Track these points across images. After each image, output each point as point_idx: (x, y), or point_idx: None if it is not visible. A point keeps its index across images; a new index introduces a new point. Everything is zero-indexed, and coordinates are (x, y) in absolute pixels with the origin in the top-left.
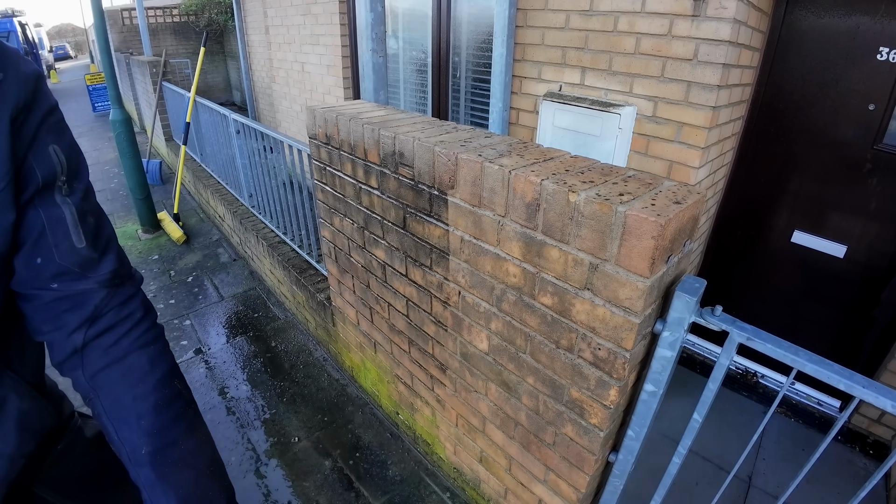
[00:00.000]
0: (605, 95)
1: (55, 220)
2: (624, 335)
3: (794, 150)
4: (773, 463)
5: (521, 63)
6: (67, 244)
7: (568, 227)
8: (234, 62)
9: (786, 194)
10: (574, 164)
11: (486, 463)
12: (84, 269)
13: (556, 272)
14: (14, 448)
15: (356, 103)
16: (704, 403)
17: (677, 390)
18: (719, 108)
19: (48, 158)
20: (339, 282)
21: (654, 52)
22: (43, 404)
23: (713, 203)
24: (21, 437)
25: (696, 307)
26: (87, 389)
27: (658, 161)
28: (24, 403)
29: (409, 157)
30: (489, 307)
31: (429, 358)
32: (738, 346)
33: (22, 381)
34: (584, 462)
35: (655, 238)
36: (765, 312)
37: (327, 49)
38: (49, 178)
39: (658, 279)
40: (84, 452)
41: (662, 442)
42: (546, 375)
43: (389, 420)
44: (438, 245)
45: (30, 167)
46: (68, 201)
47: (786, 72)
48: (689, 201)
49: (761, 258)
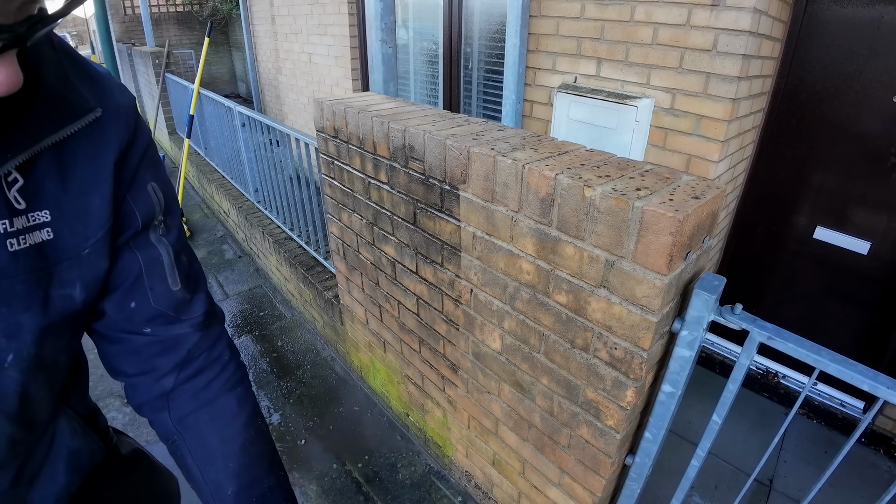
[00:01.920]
0: (622, 87)
1: (152, 263)
2: (641, 334)
3: (816, 143)
4: (794, 465)
5: (535, 54)
6: (163, 287)
7: (583, 223)
8: (239, 53)
9: (808, 189)
10: (590, 157)
11: (499, 466)
12: (178, 311)
13: (571, 269)
14: (62, 488)
15: (365, 95)
16: (724, 404)
17: (696, 391)
18: (739, 101)
19: (147, 198)
20: (348, 279)
21: (672, 42)
22: (93, 439)
23: (733, 198)
24: (70, 478)
25: (716, 305)
26: (171, 431)
27: (676, 155)
28: (76, 441)
29: (420, 150)
30: (502, 305)
31: (440, 358)
32: (758, 345)
33: (76, 416)
34: (600, 465)
35: (673, 234)
36: (786, 311)
37: (335, 39)
38: (148, 219)
39: (676, 276)
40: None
41: (681, 444)
42: (561, 376)
43: (399, 422)
44: (450, 241)
45: (129, 209)
46: (164, 241)
47: (808, 63)
48: (708, 196)
49: (782, 255)
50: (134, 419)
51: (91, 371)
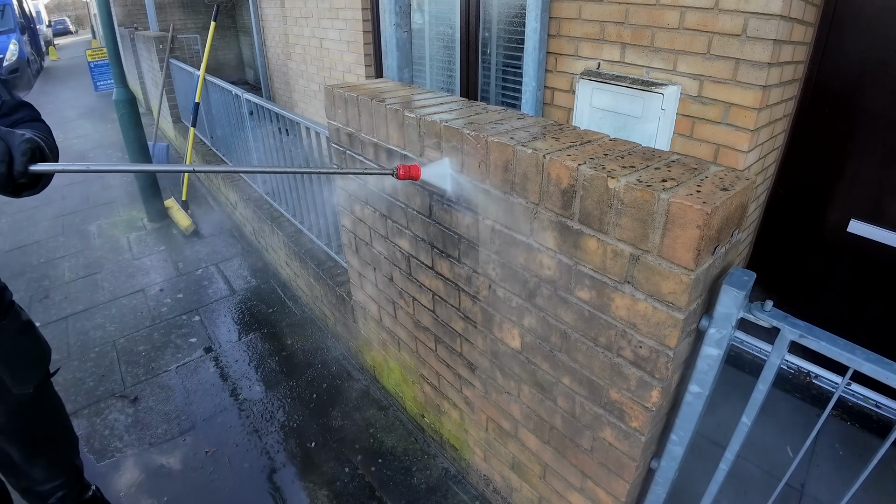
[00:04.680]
0: (647, 74)
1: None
2: (667, 332)
3: (850, 132)
4: (827, 469)
5: (557, 39)
6: None
7: (607, 216)
8: (246, 38)
9: (841, 180)
10: (613, 147)
11: (519, 470)
12: None
13: (594, 264)
14: None
15: (378, 82)
16: (753, 405)
17: (724, 391)
18: (770, 88)
19: None
20: (360, 274)
21: (699, 27)
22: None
23: (763, 190)
24: None
25: (745, 302)
26: None
27: (704, 144)
28: None
29: (436, 140)
30: (522, 302)
31: (457, 356)
32: (789, 343)
33: None
34: (624, 469)
35: (701, 227)
36: (818, 308)
37: (347, 24)
38: None
39: (704, 272)
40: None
41: (708, 447)
42: (583, 375)
43: (414, 423)
44: (467, 235)
45: None
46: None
47: (841, 48)
48: (738, 188)
49: (814, 249)
50: (137, 420)
51: (90, 372)
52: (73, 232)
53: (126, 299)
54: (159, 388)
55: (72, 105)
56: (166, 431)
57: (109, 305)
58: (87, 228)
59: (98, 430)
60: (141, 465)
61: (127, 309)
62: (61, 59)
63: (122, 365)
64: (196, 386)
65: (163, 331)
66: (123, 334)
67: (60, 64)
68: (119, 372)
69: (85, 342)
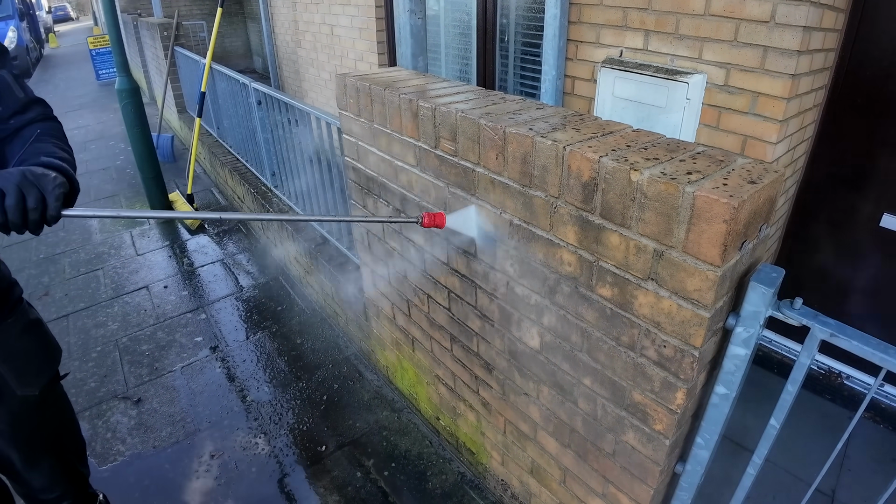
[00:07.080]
0: (672, 62)
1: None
2: (692, 331)
3: (883, 123)
4: (859, 474)
5: (577, 26)
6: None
7: (629, 210)
8: (254, 24)
9: (874, 173)
10: (636, 138)
11: (538, 474)
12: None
13: (616, 260)
14: None
15: (391, 70)
16: (782, 408)
17: (752, 393)
18: (799, 77)
19: None
20: (373, 271)
21: (726, 13)
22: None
23: (792, 183)
24: None
25: (774, 300)
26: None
27: (730, 136)
28: None
29: (451, 131)
30: (541, 299)
31: (473, 356)
32: (820, 343)
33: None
34: (648, 473)
35: (728, 222)
36: (850, 306)
37: (359, 10)
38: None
39: (731, 268)
40: (24, 330)
41: (735, 451)
42: (605, 376)
43: (429, 426)
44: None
45: None
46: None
47: (874, 35)
48: (766, 181)
49: (846, 245)
50: (140, 423)
51: (91, 372)
52: (74, 226)
53: (129, 296)
54: (164, 389)
55: (73, 94)
56: (171, 434)
57: (112, 303)
58: (88, 223)
59: (100, 433)
60: (144, 469)
61: (130, 307)
62: (62, 47)
63: (125, 365)
64: (202, 387)
65: (167, 329)
66: (126, 333)
67: (61, 52)
68: (122, 372)
69: (86, 341)
